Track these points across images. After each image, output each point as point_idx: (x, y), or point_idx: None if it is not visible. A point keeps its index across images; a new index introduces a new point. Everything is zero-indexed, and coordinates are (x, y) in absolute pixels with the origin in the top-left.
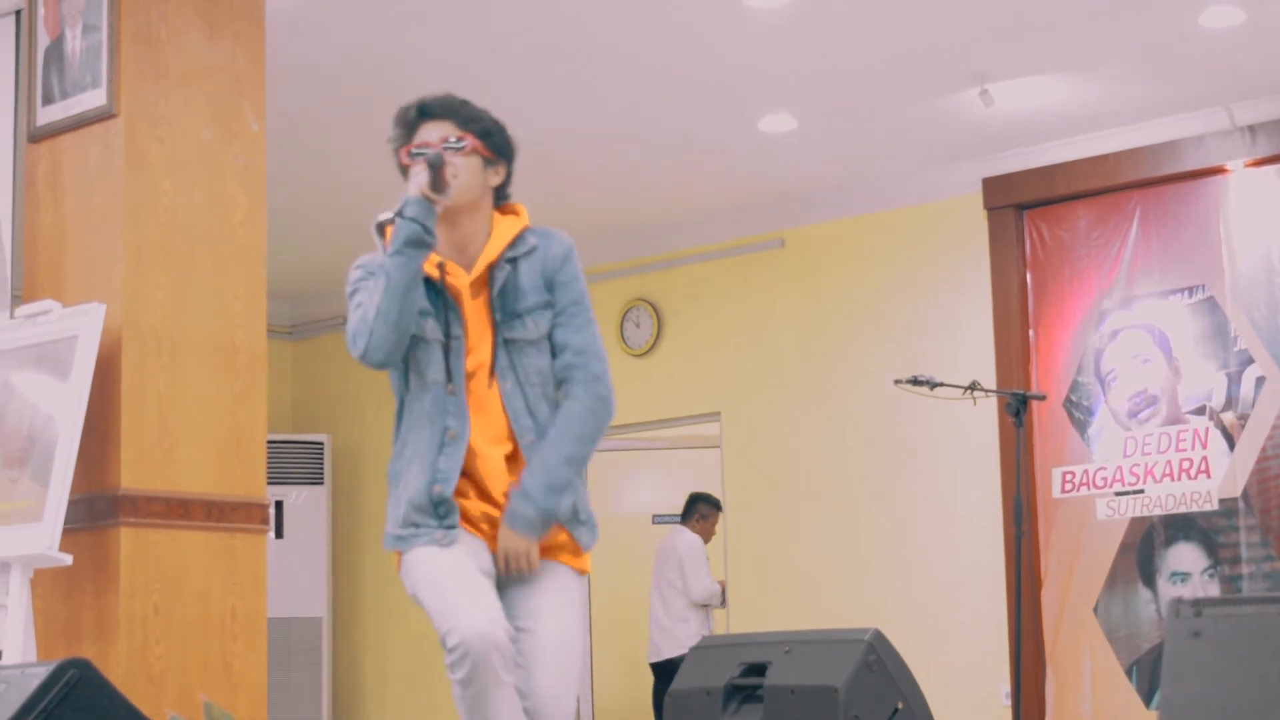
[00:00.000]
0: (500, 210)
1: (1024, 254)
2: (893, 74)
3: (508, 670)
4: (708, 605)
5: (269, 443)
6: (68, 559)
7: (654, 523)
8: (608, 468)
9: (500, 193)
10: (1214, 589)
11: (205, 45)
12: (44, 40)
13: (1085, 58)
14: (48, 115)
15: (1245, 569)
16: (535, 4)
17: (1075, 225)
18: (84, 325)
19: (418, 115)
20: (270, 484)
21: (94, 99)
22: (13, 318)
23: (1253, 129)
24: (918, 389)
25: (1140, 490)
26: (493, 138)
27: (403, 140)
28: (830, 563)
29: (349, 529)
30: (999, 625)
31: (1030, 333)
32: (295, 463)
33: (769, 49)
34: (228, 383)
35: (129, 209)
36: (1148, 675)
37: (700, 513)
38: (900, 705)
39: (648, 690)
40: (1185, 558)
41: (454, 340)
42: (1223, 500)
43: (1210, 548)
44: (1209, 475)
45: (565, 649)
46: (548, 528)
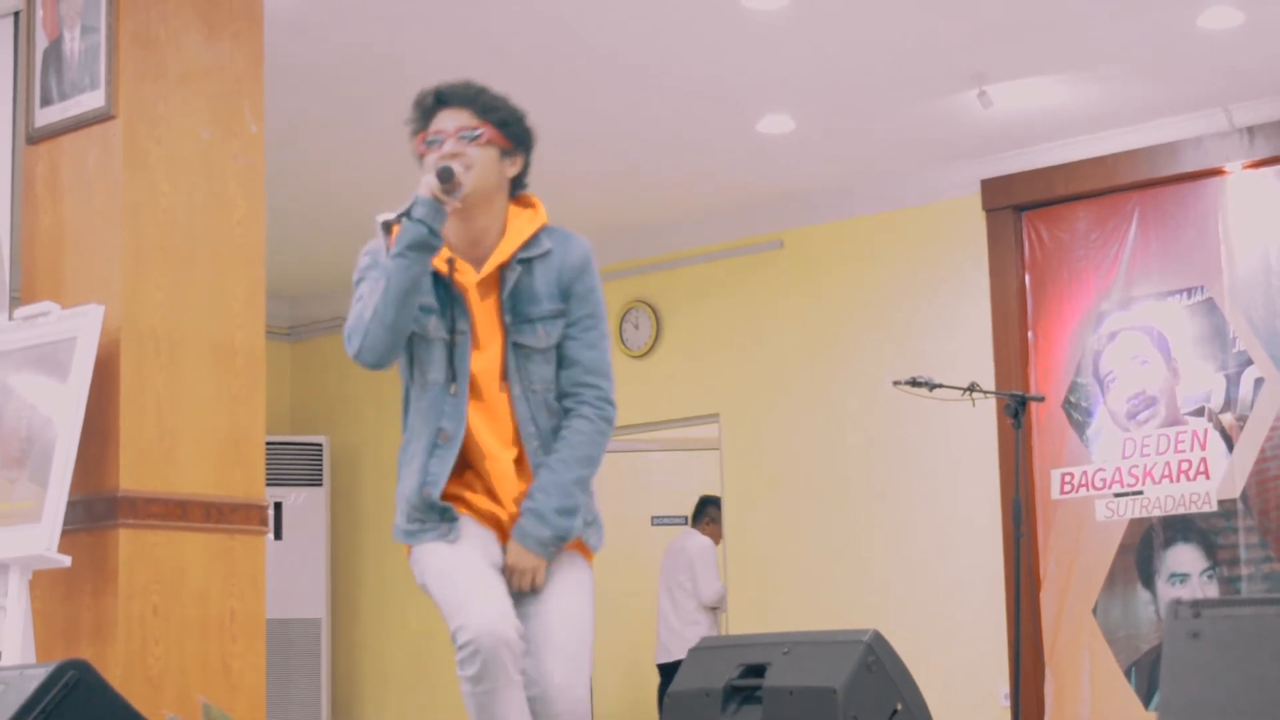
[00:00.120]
0: (516, 202)
1: (1023, 255)
2: (891, 75)
3: (517, 668)
4: (716, 608)
5: (268, 444)
6: (66, 560)
7: (653, 524)
8: (606, 469)
9: (517, 183)
10: (1213, 590)
11: (204, 46)
12: (42, 41)
13: (1084, 59)
14: (46, 116)
15: (1244, 570)
16: (535, 4)
17: (1074, 226)
18: (83, 326)
19: (435, 102)
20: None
21: (92, 100)
22: (11, 319)
23: (1251, 130)
24: (916, 390)
25: (1139, 491)
26: (510, 127)
27: (419, 127)
28: (829, 564)
29: (348, 530)
30: (998, 626)
31: (1029, 334)
32: (294, 464)
33: (768, 50)
34: (226, 384)
35: (128, 210)
36: (1146, 676)
37: (710, 515)
38: (899, 706)
39: (647, 691)
40: (1184, 559)
41: (459, 337)
42: (1221, 501)
43: (1209, 549)
44: (1208, 476)
45: (575, 634)
46: (559, 548)
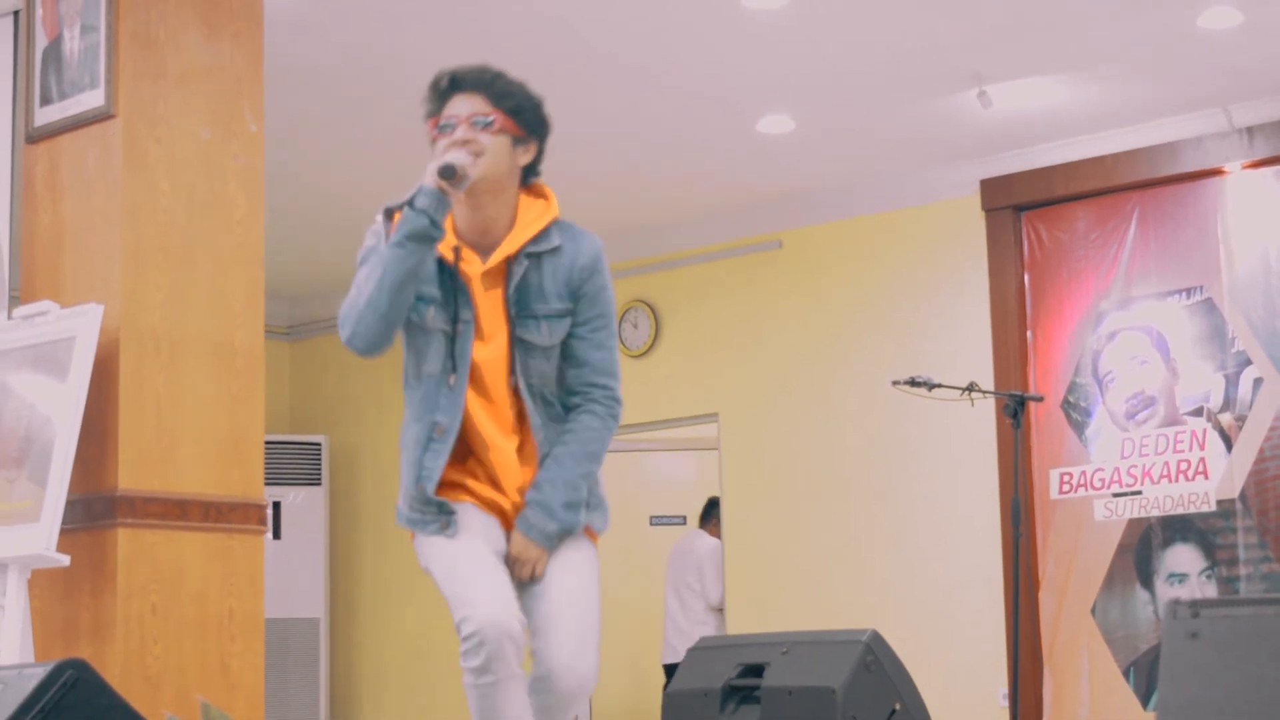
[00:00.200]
0: (528, 191)
1: (1022, 255)
2: (891, 75)
3: (519, 661)
4: (723, 609)
5: (267, 443)
6: (65, 560)
7: (652, 524)
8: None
9: (530, 171)
10: (1211, 590)
11: (204, 46)
12: (42, 41)
13: (1083, 59)
14: (46, 116)
15: (1243, 570)
16: (535, 4)
17: (1073, 226)
18: (82, 326)
19: (449, 86)
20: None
21: (92, 99)
22: (10, 318)
23: (1251, 130)
24: (915, 390)
25: (1138, 491)
26: (524, 115)
27: (433, 110)
28: (828, 564)
29: (346, 530)
30: (997, 626)
31: (1028, 334)
32: (293, 463)
33: (767, 50)
34: (226, 383)
35: (127, 209)
36: (1145, 676)
37: (718, 516)
38: (898, 706)
39: (648, 690)
40: (1183, 559)
41: (462, 327)
42: (1220, 501)
43: (1208, 549)
44: (1206, 476)
45: (581, 613)
46: (562, 541)
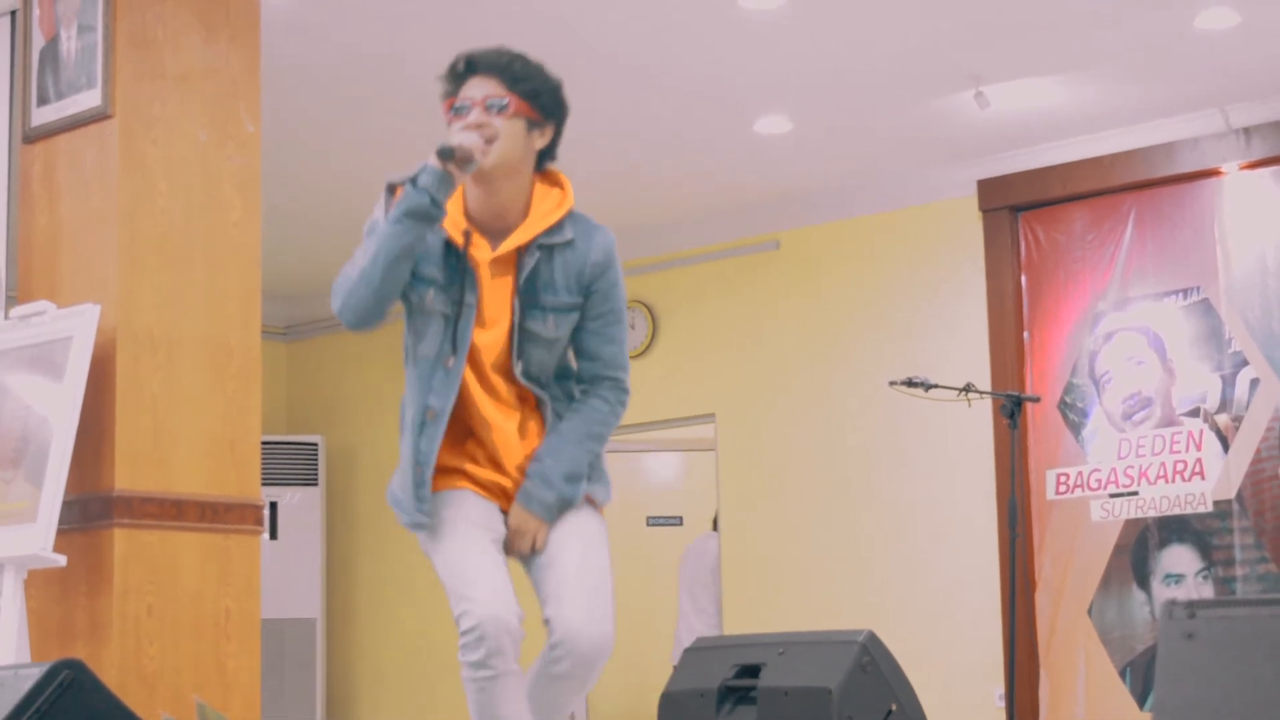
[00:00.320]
0: (543, 179)
1: (1019, 256)
2: (888, 76)
3: (518, 656)
4: None
5: (263, 444)
6: (61, 560)
7: (649, 525)
8: None
9: (546, 154)
10: (1208, 591)
11: (201, 47)
12: (39, 41)
13: (1080, 60)
14: (43, 116)
15: (1239, 571)
16: (534, 4)
17: (1070, 227)
18: (78, 326)
19: (466, 69)
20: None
21: (89, 100)
22: (7, 319)
23: (1248, 131)
24: (912, 391)
25: (1134, 492)
26: (540, 98)
27: (449, 92)
28: (825, 564)
29: (343, 530)
30: (993, 626)
31: (1025, 334)
32: (290, 464)
33: (765, 50)
34: (222, 384)
35: (124, 210)
36: (1142, 677)
37: None
38: (894, 707)
39: (645, 690)
40: (1179, 559)
41: (465, 309)
42: (1217, 502)
43: (1204, 550)
44: (1203, 477)
45: (591, 575)
46: (562, 513)
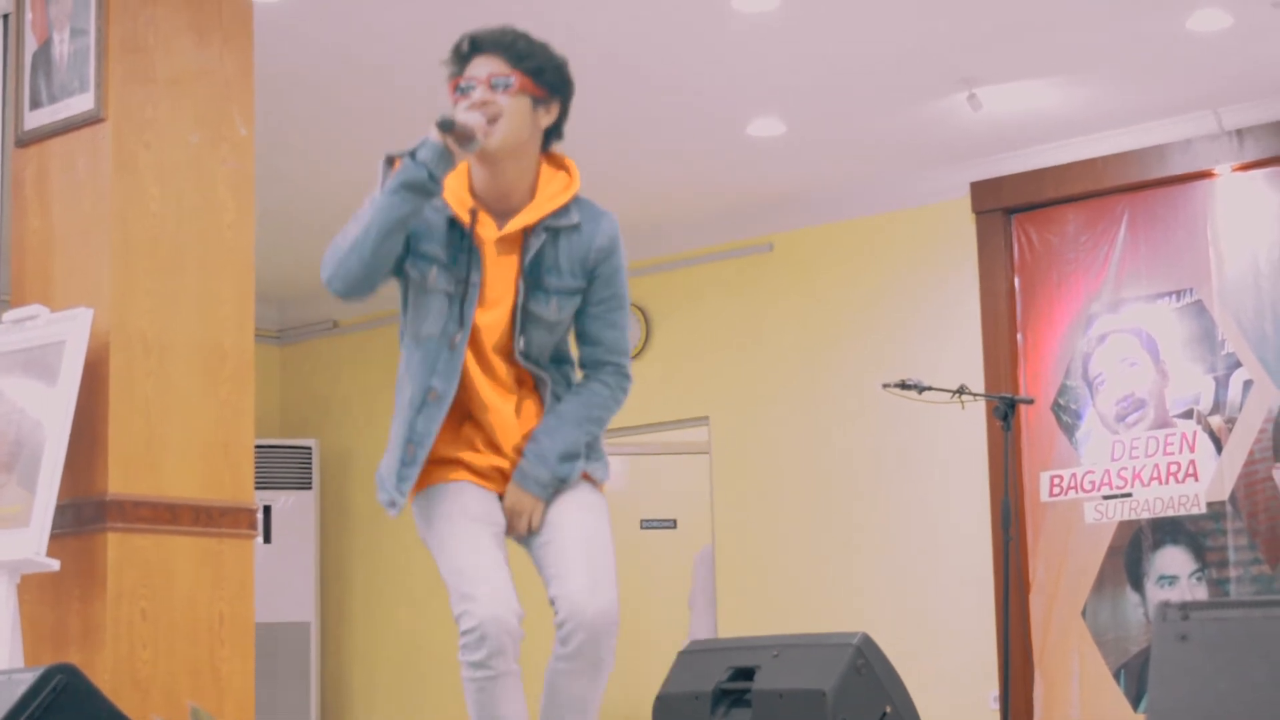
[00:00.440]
0: (550, 161)
1: (1012, 258)
2: (881, 79)
3: (518, 656)
4: None
5: (257, 447)
6: (55, 564)
7: (642, 528)
8: None
9: (552, 132)
10: (1202, 592)
11: (193, 50)
12: (31, 44)
13: (1073, 62)
14: (35, 119)
15: (1233, 572)
16: (525, 8)
17: (1063, 229)
18: (71, 330)
19: (470, 48)
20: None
21: (82, 103)
22: (0, 323)
23: (1240, 133)
24: (906, 393)
25: (1128, 494)
26: (545, 75)
27: (454, 72)
28: (819, 566)
29: (337, 534)
30: (987, 629)
31: (1018, 336)
32: (283, 467)
33: (758, 53)
34: (215, 387)
35: (116, 213)
36: (1136, 679)
37: None
38: (888, 709)
39: (639, 693)
40: (1173, 561)
41: (470, 289)
42: (1210, 504)
43: (1198, 551)
44: (1196, 479)
45: (591, 548)
46: (557, 492)
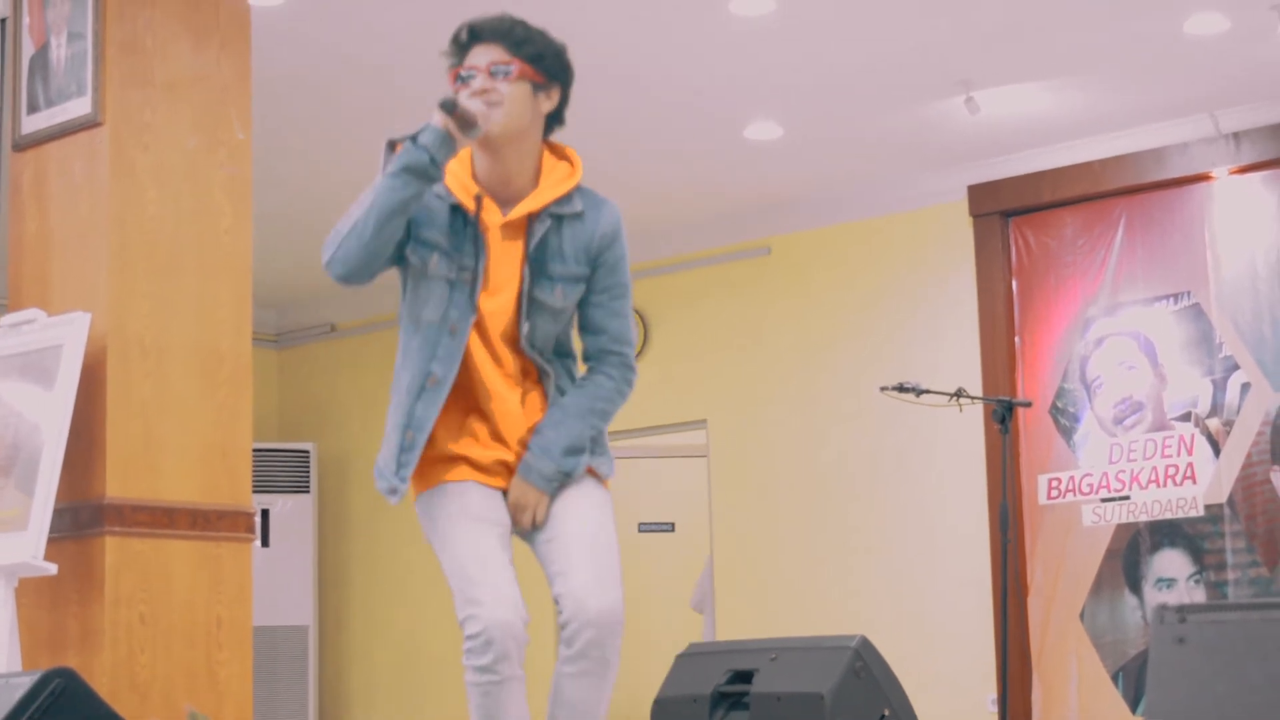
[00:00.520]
0: (552, 152)
1: (1010, 261)
2: (878, 81)
3: (522, 660)
4: None
5: (255, 451)
6: (52, 568)
7: (640, 531)
8: None
9: (554, 118)
10: (1200, 595)
11: (191, 54)
12: (29, 48)
13: (1070, 65)
14: (33, 124)
15: (1231, 575)
16: (524, 12)
17: (1061, 232)
18: (69, 334)
19: (469, 37)
20: (256, 492)
21: (79, 107)
22: None
23: (1237, 136)
24: (904, 396)
25: (1126, 496)
26: (544, 61)
27: (454, 62)
28: (817, 569)
29: (335, 537)
30: (985, 632)
31: (1016, 339)
32: (281, 471)
33: (755, 57)
34: (213, 391)
35: (114, 217)
36: (1134, 681)
37: None
38: (886, 712)
39: (638, 696)
40: (1171, 564)
41: (471, 276)
42: (1208, 506)
43: (1196, 554)
44: (1194, 481)
45: (596, 545)
46: (561, 486)
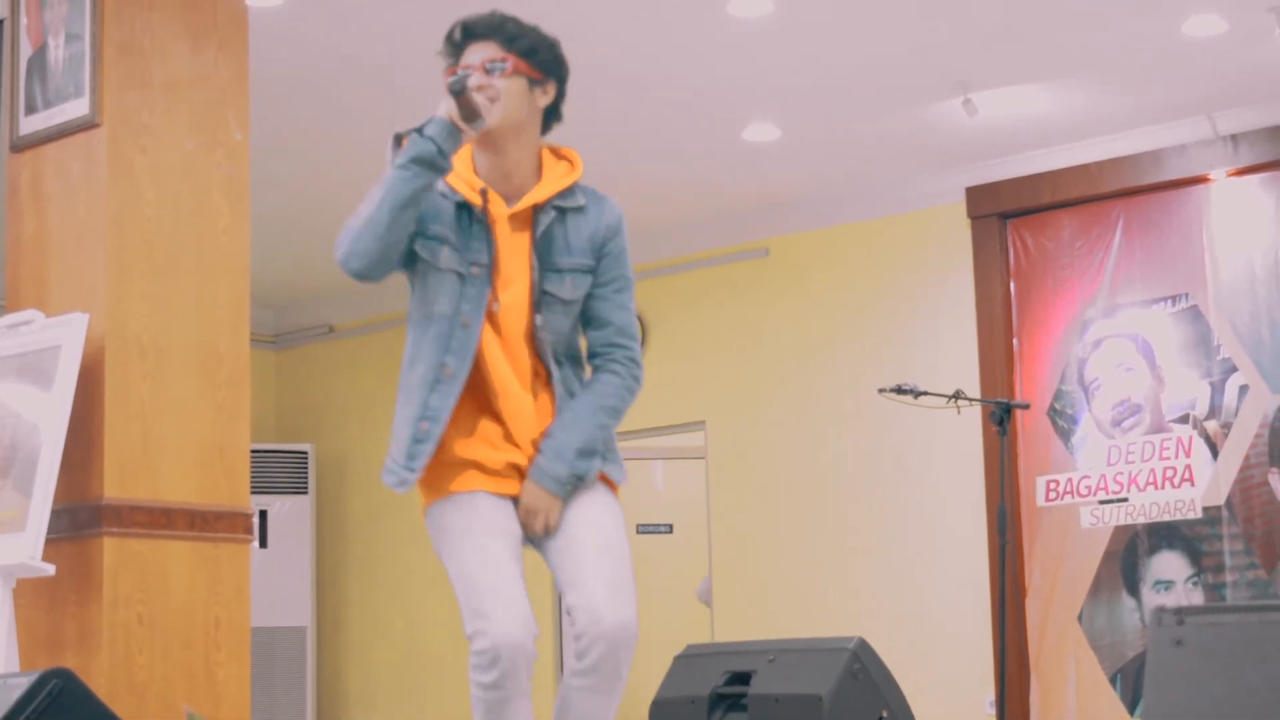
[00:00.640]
0: (552, 153)
1: (1008, 263)
2: (876, 83)
3: (530, 676)
4: None
5: (253, 452)
6: (50, 569)
7: (639, 532)
8: None
9: (551, 113)
10: (1198, 597)
11: (189, 55)
12: (26, 49)
13: (1068, 67)
14: (30, 125)
15: (1229, 577)
16: (523, 12)
17: (1059, 234)
18: (67, 335)
19: (463, 36)
20: (254, 493)
21: (77, 108)
22: None
23: (1235, 138)
24: (902, 398)
25: (1124, 498)
26: (538, 55)
27: (449, 63)
28: (815, 571)
29: (333, 538)
30: (984, 634)
31: (1014, 341)
32: (279, 472)
33: (753, 58)
34: (211, 392)
35: (112, 218)
36: (1132, 683)
37: None
38: (884, 714)
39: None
40: (1169, 566)
41: (480, 269)
42: (1206, 508)
43: (1194, 556)
44: (1192, 483)
45: (611, 557)
46: (575, 490)
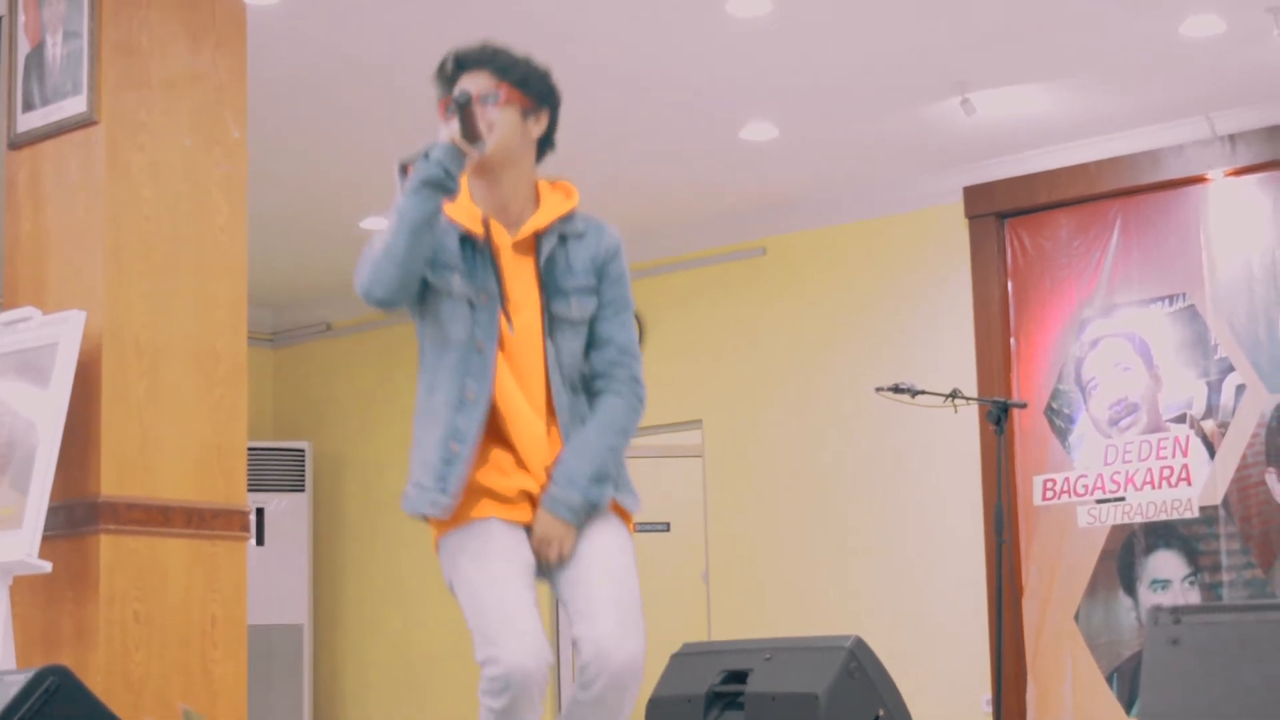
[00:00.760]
0: (546, 183)
1: (1005, 262)
2: (874, 83)
3: (542, 699)
4: None
5: (250, 450)
6: (47, 566)
7: (636, 532)
8: None
9: (545, 142)
10: (1194, 596)
11: (187, 54)
12: (24, 47)
13: (1066, 67)
14: (28, 122)
15: (1225, 576)
16: (520, 14)
17: (1056, 234)
18: (64, 332)
19: (455, 68)
20: (251, 491)
21: (75, 106)
22: None
23: (1233, 138)
24: (899, 397)
25: (1121, 498)
26: (530, 85)
27: (442, 94)
28: (812, 570)
29: (330, 536)
30: (980, 632)
31: (1011, 341)
32: (276, 470)
33: (751, 58)
34: (208, 390)
35: (110, 216)
36: (1128, 682)
37: None
38: (881, 713)
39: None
40: (1166, 565)
41: (488, 297)
42: (1203, 508)
43: (1191, 555)
44: (1189, 483)
45: (621, 591)
46: (588, 517)
